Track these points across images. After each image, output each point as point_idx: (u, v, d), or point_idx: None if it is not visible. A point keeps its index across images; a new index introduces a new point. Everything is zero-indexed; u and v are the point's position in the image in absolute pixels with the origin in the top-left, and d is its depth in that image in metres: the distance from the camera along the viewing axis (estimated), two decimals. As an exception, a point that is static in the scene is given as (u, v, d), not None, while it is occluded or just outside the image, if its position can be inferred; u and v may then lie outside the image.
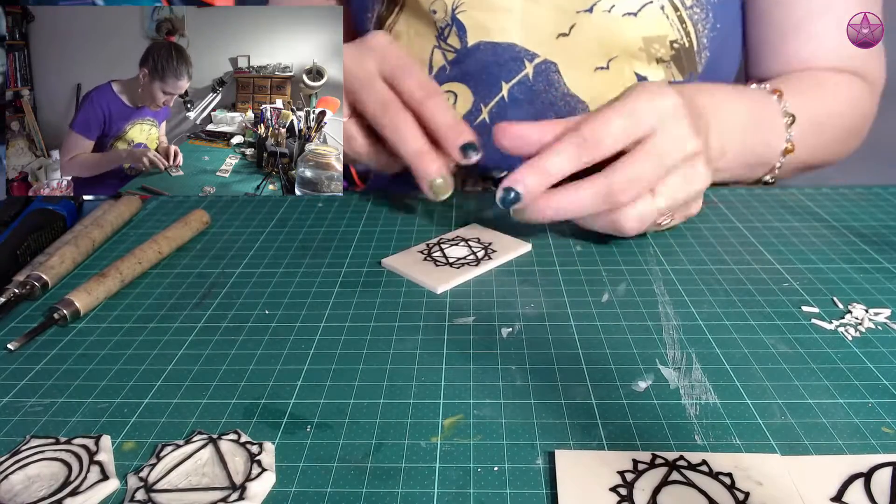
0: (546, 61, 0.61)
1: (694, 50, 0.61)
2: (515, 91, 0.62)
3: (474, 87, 0.63)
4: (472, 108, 0.64)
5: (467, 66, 0.63)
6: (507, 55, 0.62)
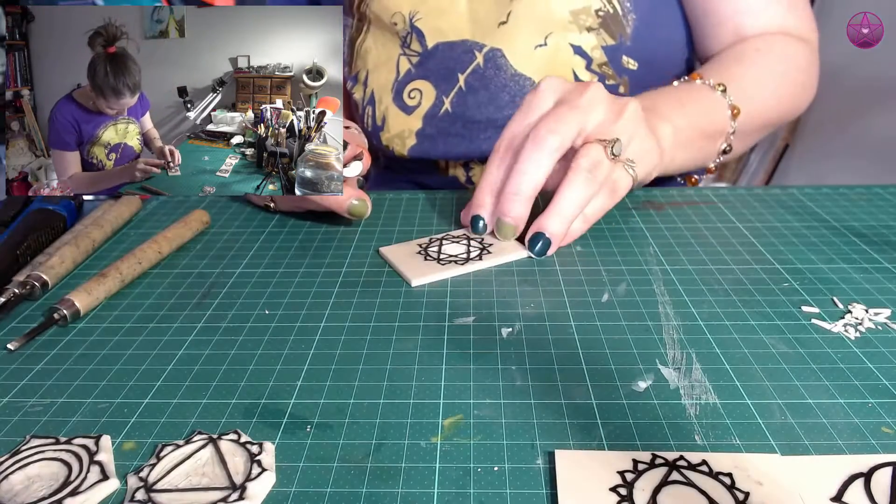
0: (493, 49, 0.67)
1: (620, 14, 0.67)
2: (470, 79, 0.68)
3: (435, 82, 0.70)
4: (435, 100, 0.70)
5: (429, 66, 0.69)
6: (460, 50, 0.68)
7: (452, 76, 0.68)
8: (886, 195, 0.56)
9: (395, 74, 0.71)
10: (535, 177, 0.46)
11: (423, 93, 0.70)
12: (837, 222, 0.51)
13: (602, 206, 0.48)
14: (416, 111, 0.70)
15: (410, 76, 0.70)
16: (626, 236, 0.49)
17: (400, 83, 0.71)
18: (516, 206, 0.47)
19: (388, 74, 0.72)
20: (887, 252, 0.46)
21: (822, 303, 0.40)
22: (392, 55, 0.71)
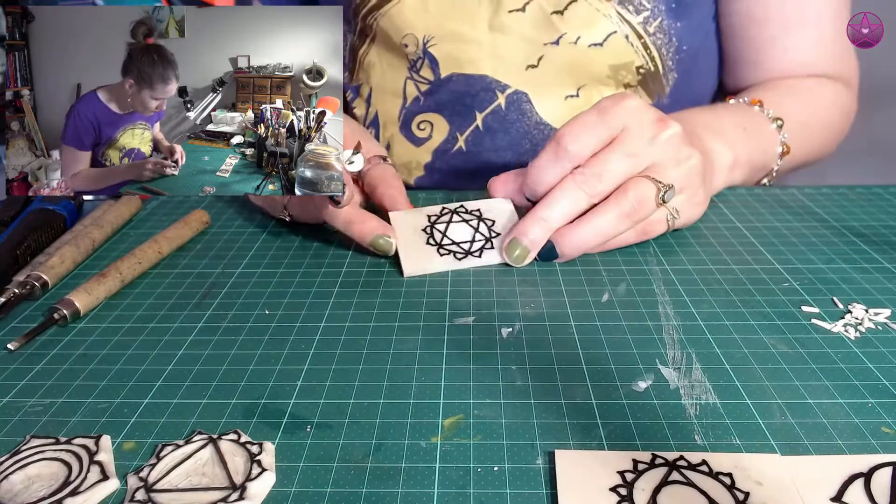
0: (517, 91, 0.63)
1: (660, 73, 0.63)
2: (489, 120, 0.64)
3: (449, 117, 0.65)
4: (448, 136, 0.66)
5: (441, 97, 0.65)
6: (478, 86, 0.63)
7: (469, 113, 0.64)
8: (886, 195, 0.56)
9: (401, 100, 0.67)
10: (567, 212, 0.44)
11: (434, 126, 0.66)
12: (837, 222, 0.51)
13: (626, 240, 0.46)
14: (425, 144, 0.66)
15: (419, 106, 0.66)
16: (626, 236, 0.49)
17: (409, 112, 0.67)
18: (537, 232, 0.44)
19: (394, 99, 0.67)
20: (887, 252, 0.46)
21: (822, 303, 0.40)
22: (398, 77, 0.67)
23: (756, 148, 0.58)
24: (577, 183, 0.44)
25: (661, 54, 0.62)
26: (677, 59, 0.63)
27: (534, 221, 0.44)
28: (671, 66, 0.63)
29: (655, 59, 0.62)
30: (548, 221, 0.44)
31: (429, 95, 0.65)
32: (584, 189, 0.44)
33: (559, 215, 0.44)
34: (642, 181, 0.44)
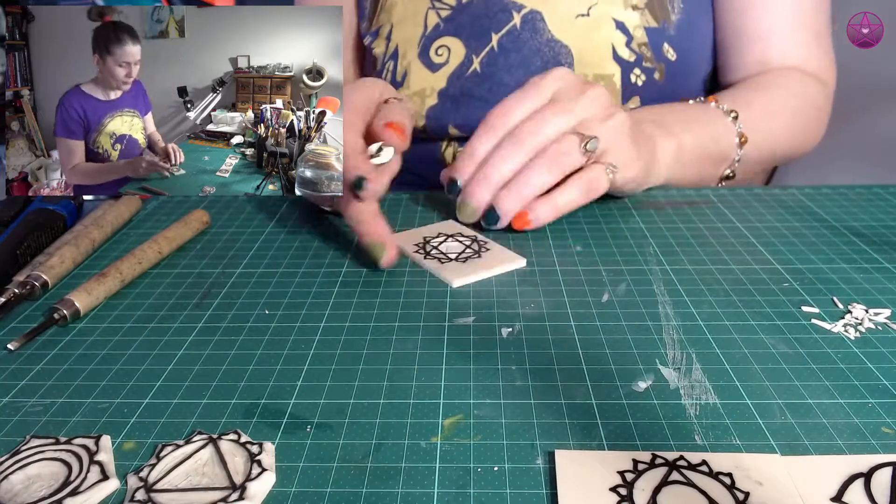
0: (532, 11, 0.66)
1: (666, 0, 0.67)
2: (504, 41, 0.67)
3: (466, 40, 0.68)
4: (464, 59, 0.68)
5: (460, 21, 0.68)
6: (496, 7, 0.67)
7: (485, 35, 0.67)
8: (886, 195, 0.56)
9: (422, 29, 0.69)
10: (505, 171, 0.48)
11: (451, 50, 0.68)
12: (837, 222, 0.51)
13: (574, 200, 0.49)
14: (442, 69, 0.69)
15: (439, 31, 0.68)
16: (626, 236, 0.49)
17: (427, 38, 0.69)
18: (482, 193, 0.49)
19: (414, 28, 0.70)
20: (887, 252, 0.46)
21: (822, 303, 0.40)
22: (420, 9, 0.69)
23: (705, 135, 0.61)
24: (513, 142, 0.48)
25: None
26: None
27: (477, 182, 0.49)
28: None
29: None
30: (490, 180, 0.49)
31: (448, 21, 0.68)
32: (519, 146, 0.48)
33: (499, 175, 0.49)
34: (565, 136, 0.49)
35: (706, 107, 0.63)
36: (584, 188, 0.49)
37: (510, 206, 0.48)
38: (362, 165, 0.45)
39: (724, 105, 0.63)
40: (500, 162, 0.48)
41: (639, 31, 0.67)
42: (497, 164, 0.49)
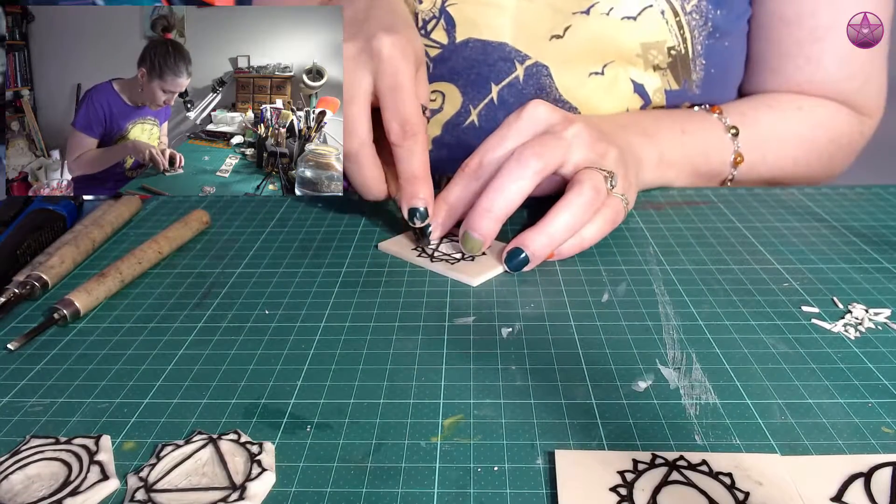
0: (537, 63, 0.60)
1: (689, 57, 0.61)
2: (505, 94, 0.61)
3: (463, 88, 0.62)
4: (461, 108, 0.63)
5: (454, 64, 0.61)
6: (496, 55, 0.60)
7: (484, 84, 0.61)
8: (886, 195, 0.56)
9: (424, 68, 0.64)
10: (512, 197, 0.44)
11: (446, 97, 0.62)
12: (837, 222, 0.51)
13: (601, 233, 0.46)
14: (436, 116, 0.63)
15: (430, 74, 0.62)
16: (626, 236, 0.49)
17: None
18: (486, 224, 0.44)
19: None
20: (887, 252, 0.46)
21: (822, 303, 0.40)
22: None
23: (695, 151, 0.57)
24: (514, 164, 0.44)
25: (693, 36, 0.60)
26: (707, 45, 0.61)
27: (479, 214, 0.44)
28: (700, 52, 0.61)
29: (687, 41, 0.59)
30: (492, 211, 0.44)
31: (440, 62, 0.61)
32: (524, 168, 0.43)
33: (503, 201, 0.44)
34: (591, 170, 0.45)
35: (706, 118, 0.59)
36: (608, 222, 0.46)
37: (540, 249, 0.44)
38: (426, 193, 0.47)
39: (728, 119, 0.59)
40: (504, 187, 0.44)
41: (658, 95, 0.61)
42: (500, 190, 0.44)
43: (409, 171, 0.47)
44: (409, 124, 0.46)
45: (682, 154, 0.57)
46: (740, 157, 0.59)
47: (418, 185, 0.47)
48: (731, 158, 0.59)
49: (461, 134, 0.63)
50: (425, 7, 0.60)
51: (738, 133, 0.58)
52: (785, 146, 0.62)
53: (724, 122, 0.59)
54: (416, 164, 0.47)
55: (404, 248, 0.48)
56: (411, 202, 0.47)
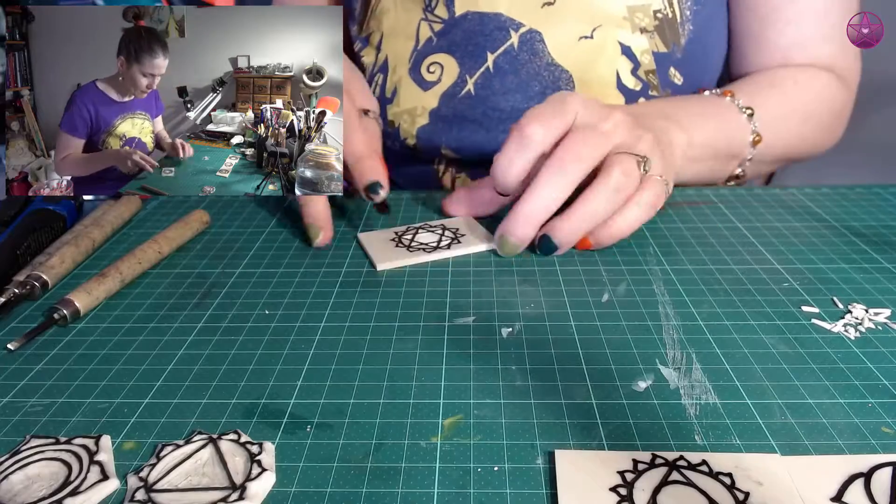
0: (531, 30, 0.62)
1: (677, 21, 0.63)
2: (500, 61, 0.63)
3: (460, 59, 0.64)
4: (458, 79, 0.64)
5: (454, 37, 0.63)
6: (492, 25, 0.62)
7: (480, 54, 0.63)
8: (886, 195, 0.56)
9: (413, 42, 0.65)
10: (551, 204, 0.44)
11: (444, 68, 0.64)
12: (837, 222, 0.51)
13: (640, 219, 0.46)
14: (433, 88, 0.65)
15: (431, 47, 0.64)
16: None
17: (419, 53, 0.65)
18: (524, 230, 0.45)
19: (406, 42, 0.65)
20: (887, 252, 0.46)
21: (822, 303, 0.40)
22: (412, 20, 0.65)
23: (718, 133, 0.58)
24: (555, 170, 0.44)
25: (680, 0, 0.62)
26: (695, 11, 0.63)
27: (517, 219, 0.45)
28: (688, 17, 0.63)
29: (674, 4, 0.61)
30: (532, 217, 0.45)
31: (441, 36, 0.63)
32: (564, 175, 0.44)
33: (542, 208, 0.44)
34: (621, 155, 0.45)
35: (720, 101, 0.60)
36: (648, 207, 0.46)
37: (566, 237, 0.45)
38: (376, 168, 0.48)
39: (740, 101, 0.60)
40: (544, 195, 0.44)
41: (646, 56, 0.63)
42: (540, 197, 0.44)
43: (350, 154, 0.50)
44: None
45: (705, 136, 0.57)
46: (758, 136, 0.60)
47: (365, 162, 0.49)
48: (749, 139, 0.60)
49: (457, 104, 0.64)
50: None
51: (753, 113, 0.59)
52: (792, 122, 0.64)
53: (737, 104, 0.60)
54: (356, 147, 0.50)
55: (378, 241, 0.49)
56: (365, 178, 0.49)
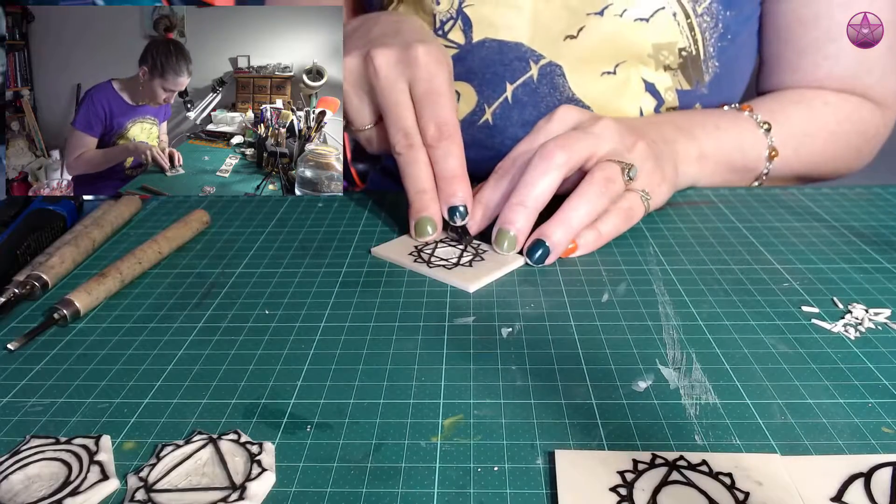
0: (551, 63, 0.61)
1: (700, 59, 0.62)
2: (519, 93, 0.62)
3: (478, 87, 0.63)
4: (476, 108, 0.64)
5: (470, 64, 0.63)
6: (512, 55, 0.61)
7: (499, 84, 0.62)
8: (886, 195, 0.56)
9: None
10: (542, 190, 0.45)
11: (461, 96, 0.63)
12: (837, 222, 0.51)
13: (616, 227, 0.47)
14: None
15: None
16: (626, 236, 0.49)
17: None
18: (519, 217, 0.45)
19: None
20: (887, 252, 0.46)
21: (822, 303, 0.40)
22: None
23: (731, 146, 0.58)
24: (541, 159, 0.45)
25: (705, 38, 0.61)
26: (720, 47, 0.62)
27: (511, 209, 0.45)
28: (712, 53, 0.62)
29: (698, 43, 0.61)
30: (527, 206, 0.45)
31: (457, 62, 0.62)
32: (550, 162, 0.44)
33: (534, 198, 0.45)
34: (605, 162, 0.46)
35: (738, 115, 0.60)
36: (624, 216, 0.47)
37: (559, 237, 0.45)
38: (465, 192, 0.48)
39: (759, 116, 0.60)
40: (533, 181, 0.45)
41: (670, 93, 0.62)
42: (529, 184, 0.45)
43: (446, 170, 0.48)
44: (446, 126, 0.48)
45: (719, 148, 0.57)
46: (775, 151, 0.60)
47: (456, 183, 0.48)
48: (765, 153, 0.60)
49: (476, 132, 0.64)
50: (443, 8, 0.61)
51: (770, 129, 0.59)
52: (815, 140, 0.63)
53: (755, 119, 0.60)
54: (454, 164, 0.48)
55: (400, 254, 0.47)
56: (450, 201, 0.48)
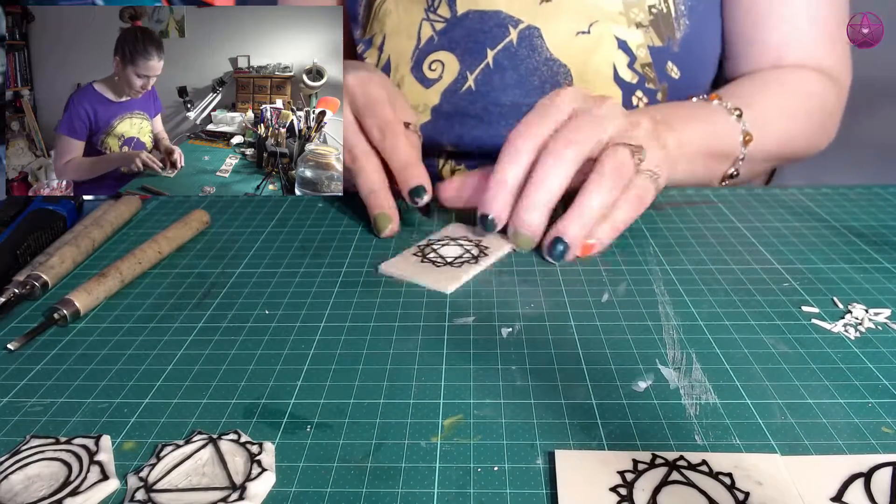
0: (529, 27, 0.63)
1: (672, 16, 0.64)
2: (500, 57, 0.64)
3: (460, 56, 0.65)
4: (458, 76, 0.65)
5: (455, 35, 0.65)
6: (492, 22, 0.64)
7: (480, 51, 0.64)
8: (886, 195, 0.56)
9: (415, 41, 0.66)
10: (554, 189, 0.45)
11: (445, 65, 0.65)
12: (837, 222, 0.51)
13: (630, 215, 0.47)
14: (435, 85, 0.66)
15: (433, 45, 0.66)
16: (626, 236, 0.49)
17: (421, 52, 0.66)
18: (534, 216, 0.45)
19: (407, 41, 0.67)
20: (887, 252, 0.46)
21: (822, 303, 0.40)
22: (414, 20, 0.66)
23: (708, 133, 0.59)
24: (551, 158, 0.45)
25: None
26: (689, 6, 0.64)
27: (525, 209, 0.46)
28: (683, 11, 0.64)
29: (668, 0, 0.63)
30: (537, 205, 0.45)
31: (443, 34, 0.65)
32: (560, 160, 0.45)
33: (545, 196, 0.45)
34: (615, 147, 0.46)
35: (708, 105, 0.61)
36: (636, 202, 0.47)
37: (576, 231, 0.45)
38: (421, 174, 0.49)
39: (728, 103, 0.61)
40: (544, 180, 0.45)
41: (642, 50, 0.64)
42: (541, 184, 0.45)
43: (398, 161, 0.50)
44: (388, 124, 0.50)
45: (697, 137, 0.58)
46: (749, 135, 0.60)
47: (410, 169, 0.50)
48: (740, 138, 0.61)
49: (458, 100, 0.66)
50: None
51: (741, 114, 0.60)
52: (783, 120, 0.65)
53: (725, 106, 0.61)
54: (403, 154, 0.50)
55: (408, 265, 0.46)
56: (409, 183, 0.49)
